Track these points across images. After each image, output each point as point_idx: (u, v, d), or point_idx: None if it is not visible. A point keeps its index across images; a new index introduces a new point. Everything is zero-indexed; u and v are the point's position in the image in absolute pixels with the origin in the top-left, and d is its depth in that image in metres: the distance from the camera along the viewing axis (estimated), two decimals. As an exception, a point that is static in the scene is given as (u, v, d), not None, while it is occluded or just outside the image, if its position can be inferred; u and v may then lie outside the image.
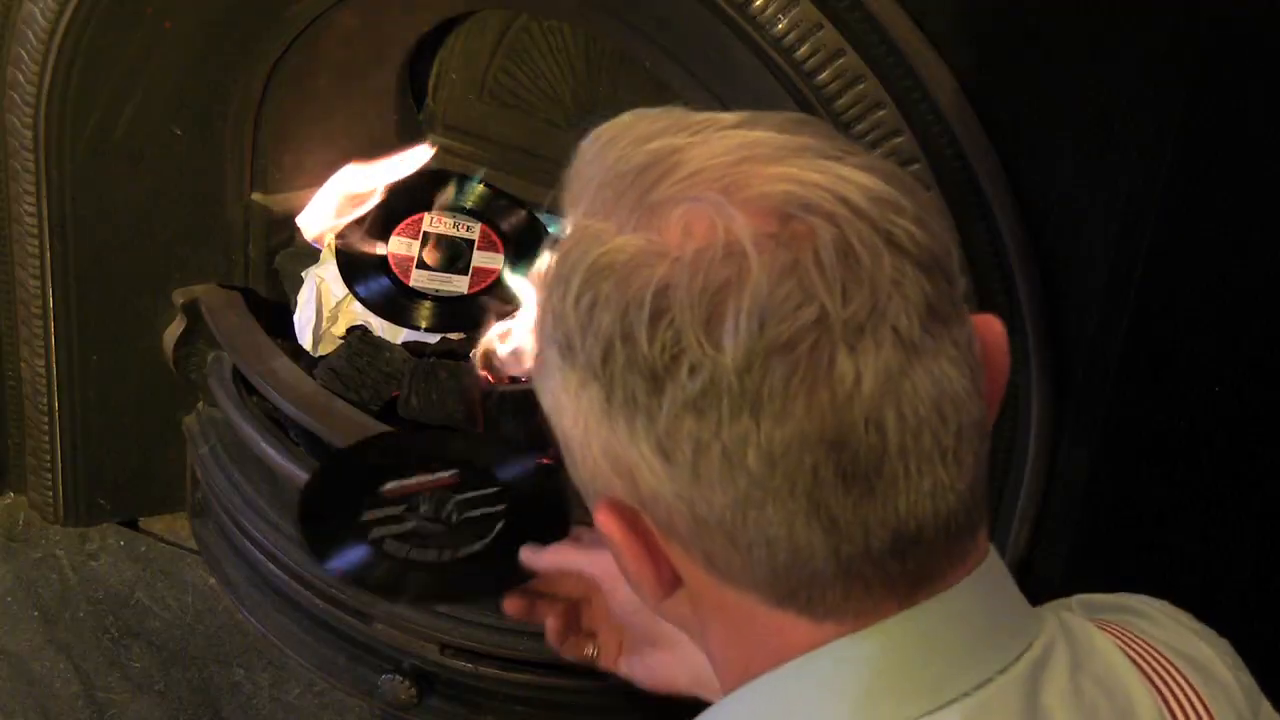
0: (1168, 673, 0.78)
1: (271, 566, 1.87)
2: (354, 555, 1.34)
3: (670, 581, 0.74)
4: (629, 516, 0.72)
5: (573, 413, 0.70)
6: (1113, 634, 0.79)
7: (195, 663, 1.95)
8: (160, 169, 1.88)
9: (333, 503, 1.40)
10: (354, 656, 1.85)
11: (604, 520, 0.72)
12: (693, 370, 0.65)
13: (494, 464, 1.43)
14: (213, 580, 2.01)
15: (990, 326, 0.74)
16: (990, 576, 0.73)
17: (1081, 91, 1.27)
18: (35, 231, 1.87)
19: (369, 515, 1.35)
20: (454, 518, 1.37)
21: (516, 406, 1.76)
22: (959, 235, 0.81)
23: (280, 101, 1.88)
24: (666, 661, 1.07)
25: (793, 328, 0.65)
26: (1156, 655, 0.79)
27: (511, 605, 1.13)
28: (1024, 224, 1.33)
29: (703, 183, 0.68)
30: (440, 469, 1.40)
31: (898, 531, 0.68)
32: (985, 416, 0.71)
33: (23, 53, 1.74)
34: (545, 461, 1.77)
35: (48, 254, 1.88)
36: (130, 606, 2.01)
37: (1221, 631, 0.85)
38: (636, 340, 0.66)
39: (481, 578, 1.34)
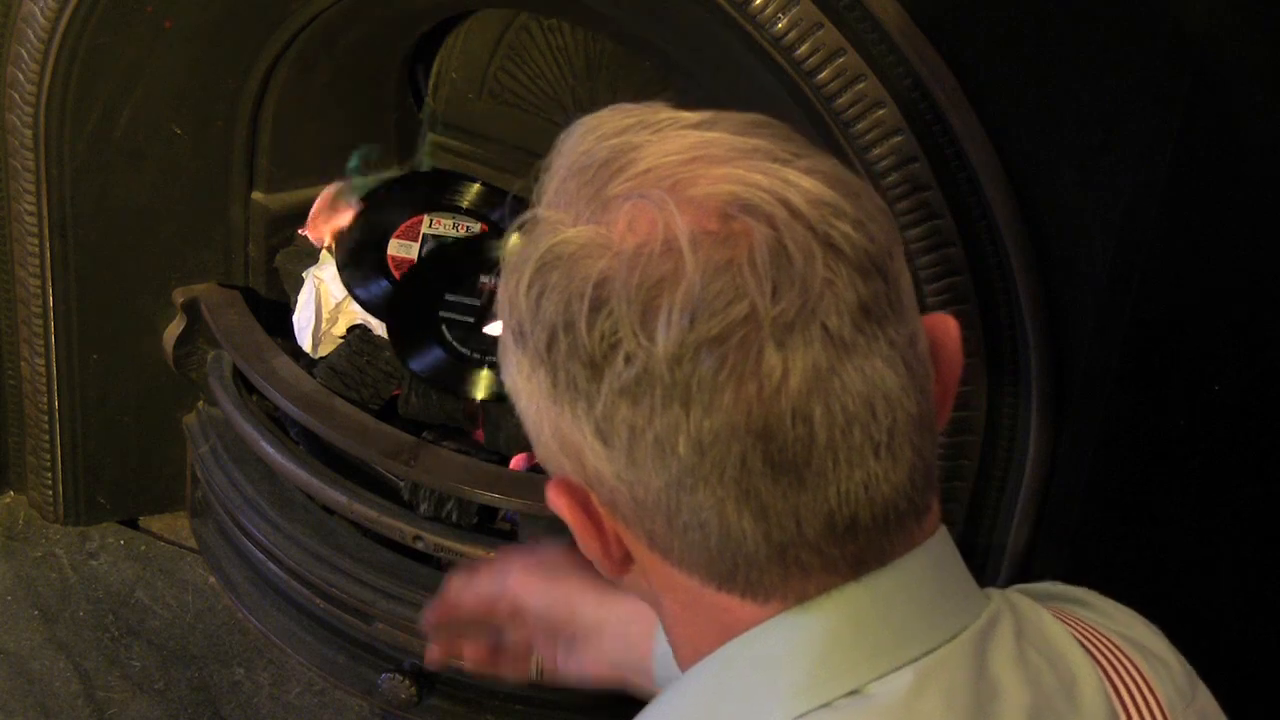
0: (1110, 650, 0.80)
1: (271, 566, 1.87)
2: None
3: (621, 559, 0.77)
4: (579, 495, 0.75)
5: (526, 395, 0.74)
6: (1057, 615, 0.81)
7: (195, 662, 1.95)
8: (160, 168, 1.88)
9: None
10: (354, 655, 1.85)
11: (555, 497, 0.76)
12: (628, 360, 0.69)
13: None
14: (213, 579, 2.01)
15: (943, 325, 0.77)
16: (937, 550, 0.75)
17: (1081, 92, 1.27)
18: (35, 230, 1.87)
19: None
20: None
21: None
22: (959, 236, 0.82)
23: (280, 100, 1.88)
24: (589, 654, 1.11)
25: (723, 323, 0.67)
26: (1099, 635, 0.81)
27: (431, 656, 1.19)
28: (1023, 224, 1.33)
29: (652, 180, 0.71)
30: None
31: (830, 520, 0.70)
32: (928, 411, 0.73)
33: (23, 51, 1.74)
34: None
35: (48, 253, 1.88)
36: (130, 605, 2.01)
37: (1221, 631, 0.85)
38: (578, 329, 0.69)
39: None
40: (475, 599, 1.14)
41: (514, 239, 0.75)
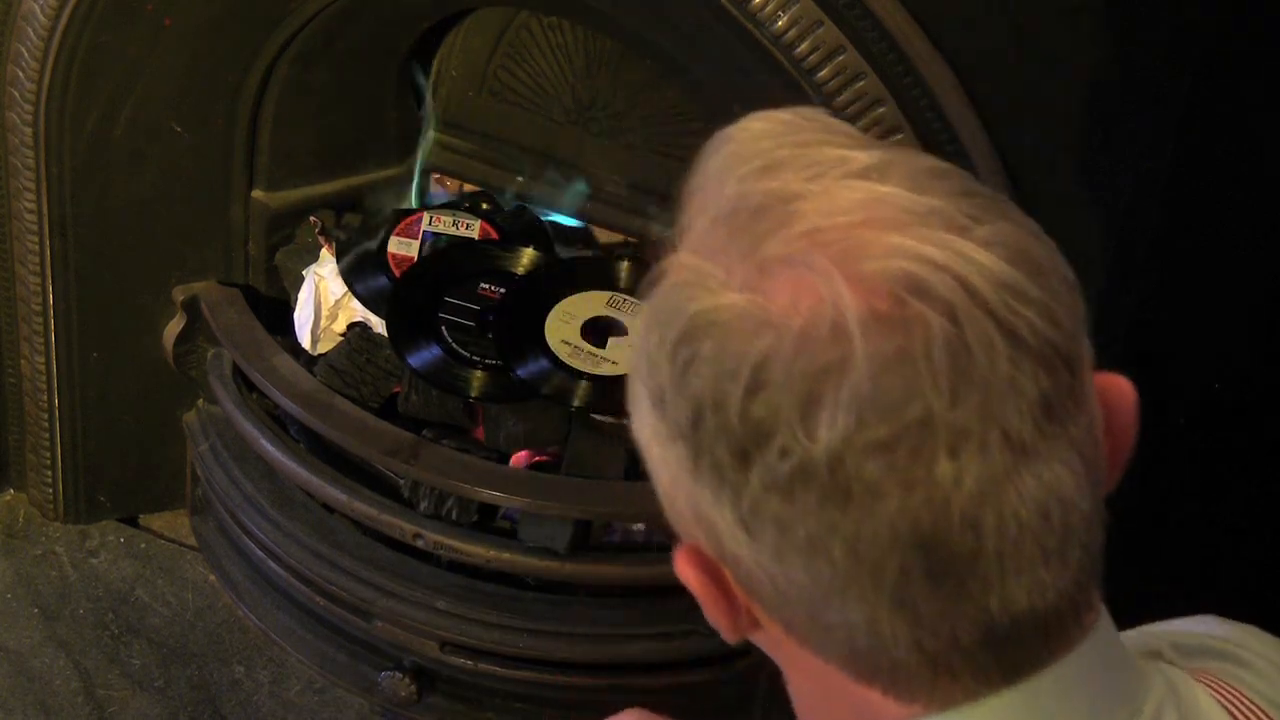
0: None
1: (271, 564, 1.87)
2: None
3: (749, 626, 0.72)
4: (710, 568, 0.70)
5: (660, 460, 0.69)
6: (1213, 689, 0.76)
7: (195, 660, 1.95)
8: (160, 166, 1.88)
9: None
10: (354, 654, 1.85)
11: (683, 567, 0.70)
12: (783, 453, 0.63)
13: None
14: (212, 577, 2.01)
15: (1117, 390, 0.71)
16: (1096, 649, 0.70)
17: (1081, 91, 1.26)
18: (35, 228, 1.87)
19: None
20: None
21: (517, 409, 1.77)
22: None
23: (280, 99, 1.88)
24: None
25: (893, 427, 0.61)
26: (1258, 712, 0.76)
27: None
28: (1024, 223, 1.33)
29: (818, 245, 0.64)
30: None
31: (989, 629, 0.65)
32: (1099, 503, 0.68)
33: (23, 49, 1.73)
34: (542, 460, 1.78)
35: (48, 251, 1.88)
36: (130, 604, 2.01)
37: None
38: (728, 411, 0.64)
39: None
40: None
41: (655, 283, 0.69)
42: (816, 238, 0.64)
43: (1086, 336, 0.67)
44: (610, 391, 1.75)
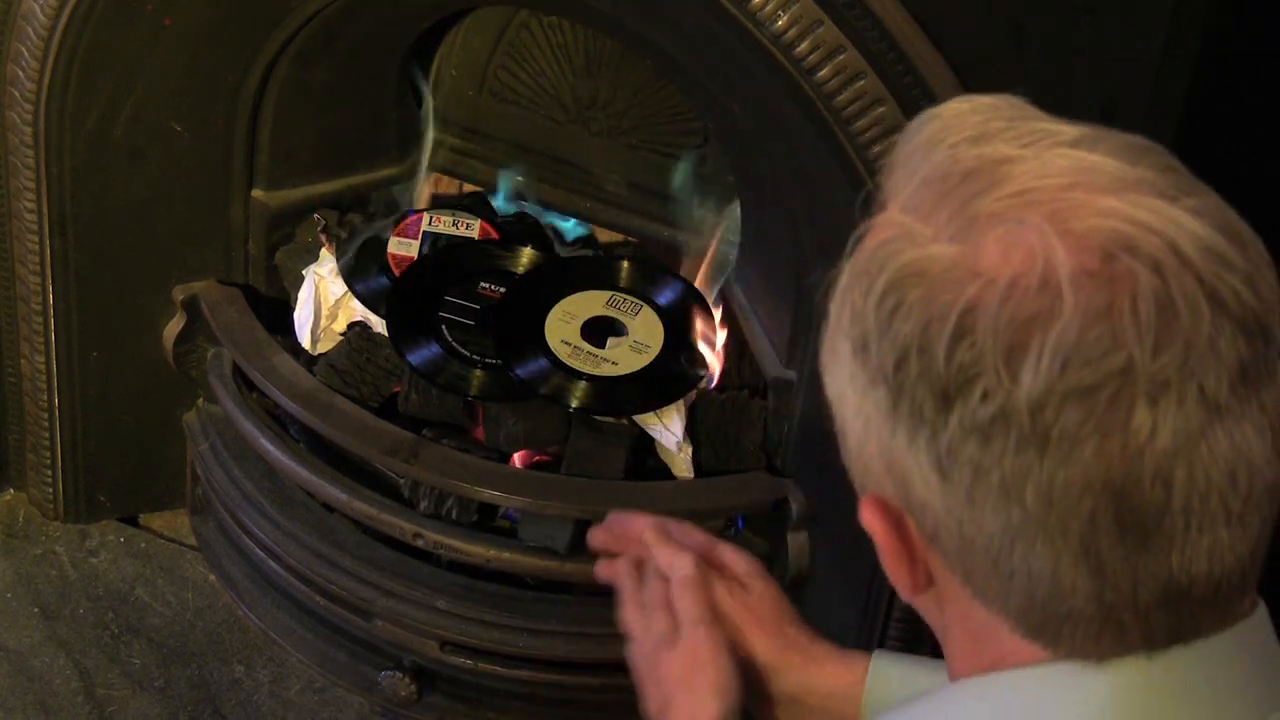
0: None
1: (271, 563, 1.87)
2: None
3: (924, 583, 0.74)
4: (894, 518, 0.72)
5: (856, 407, 0.71)
6: None
7: (195, 659, 1.95)
8: (160, 165, 1.88)
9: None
10: (354, 653, 1.85)
11: (869, 516, 0.73)
12: (985, 396, 0.65)
13: None
14: (213, 577, 2.01)
15: None
16: (1253, 632, 0.72)
17: (1081, 90, 1.26)
18: (35, 228, 1.87)
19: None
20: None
21: (517, 408, 1.77)
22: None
23: (280, 98, 1.88)
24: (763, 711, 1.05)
25: (1096, 374, 0.64)
26: None
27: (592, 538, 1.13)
28: (1024, 222, 1.33)
29: (1029, 204, 0.67)
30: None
31: (1168, 585, 0.67)
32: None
33: (23, 49, 1.74)
34: (542, 459, 1.78)
35: (47, 250, 1.88)
36: (130, 603, 2.01)
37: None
38: (934, 355, 0.66)
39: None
40: (639, 533, 1.07)
41: (863, 237, 0.71)
42: (1028, 197, 0.67)
43: None
44: (610, 392, 1.75)
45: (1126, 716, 0.70)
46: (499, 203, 2.01)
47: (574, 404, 1.73)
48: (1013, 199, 0.67)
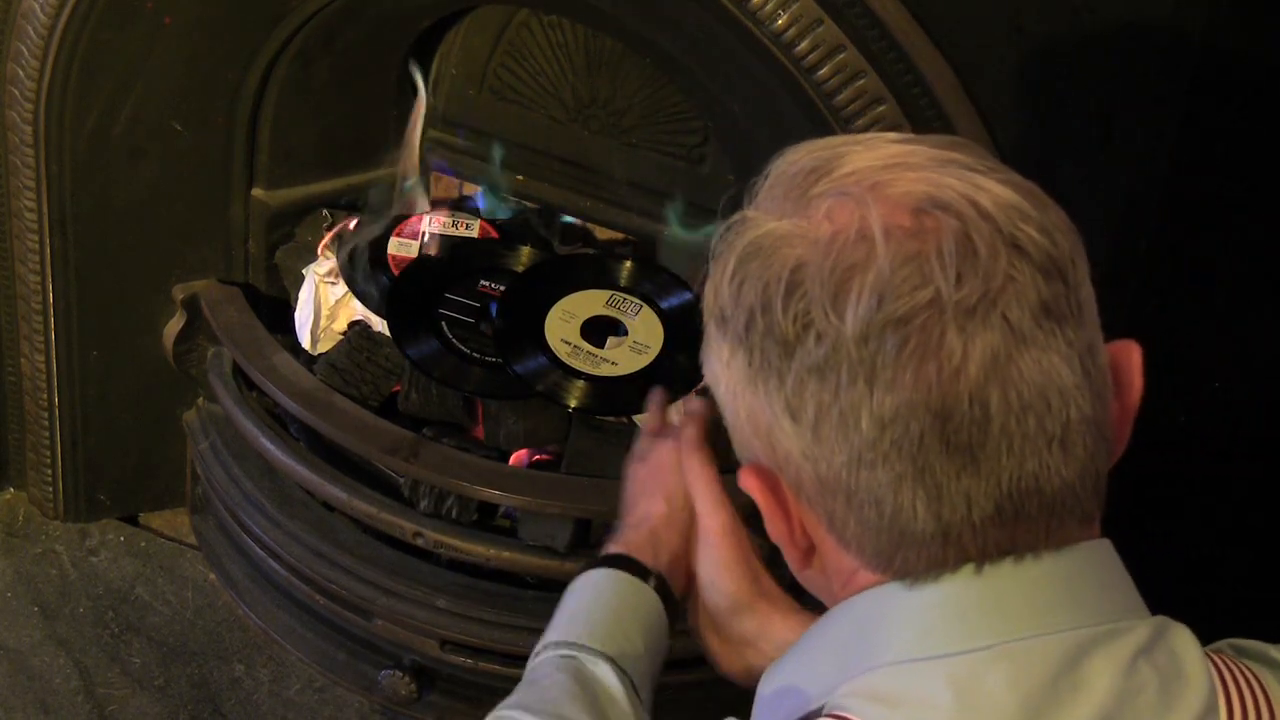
0: (1244, 681, 0.79)
1: (271, 562, 1.87)
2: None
3: (805, 546, 0.81)
4: (769, 479, 0.79)
5: (725, 381, 0.79)
6: (1217, 659, 0.79)
7: (195, 658, 1.95)
8: (160, 165, 1.88)
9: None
10: (354, 652, 1.85)
11: (746, 479, 0.80)
12: (819, 338, 0.73)
13: None
14: (212, 576, 2.01)
15: (1126, 350, 0.80)
16: (1096, 556, 0.78)
17: (1081, 90, 1.27)
18: (35, 227, 1.87)
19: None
20: None
21: (517, 408, 1.77)
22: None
23: (280, 97, 1.88)
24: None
25: (908, 305, 0.72)
26: (1244, 674, 0.79)
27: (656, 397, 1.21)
28: (1024, 222, 1.33)
29: (854, 181, 0.76)
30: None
31: (1000, 504, 0.74)
32: (1104, 420, 0.76)
33: (23, 48, 1.74)
34: (542, 458, 1.78)
35: (48, 249, 1.88)
36: (130, 602, 2.01)
37: (1221, 629, 0.85)
38: (774, 310, 0.74)
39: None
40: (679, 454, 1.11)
41: (720, 237, 0.80)
42: (853, 177, 0.76)
43: (1087, 273, 0.76)
44: (610, 391, 1.75)
45: (947, 624, 0.75)
46: (498, 203, 2.01)
47: (573, 404, 1.73)
48: (841, 179, 0.76)
